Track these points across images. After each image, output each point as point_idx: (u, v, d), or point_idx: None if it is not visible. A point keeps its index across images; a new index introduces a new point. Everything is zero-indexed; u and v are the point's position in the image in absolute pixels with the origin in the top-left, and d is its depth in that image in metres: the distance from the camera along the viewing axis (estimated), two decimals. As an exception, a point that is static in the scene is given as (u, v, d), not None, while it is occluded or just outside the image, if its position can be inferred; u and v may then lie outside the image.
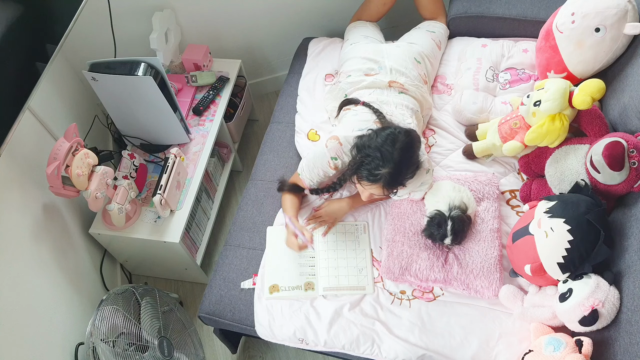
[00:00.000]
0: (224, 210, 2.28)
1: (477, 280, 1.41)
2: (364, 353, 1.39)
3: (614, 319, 1.19)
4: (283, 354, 1.87)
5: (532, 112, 1.49)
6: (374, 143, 1.35)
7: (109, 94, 1.74)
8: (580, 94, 1.40)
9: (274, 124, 1.96)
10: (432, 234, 1.46)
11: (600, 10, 1.49)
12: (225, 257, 1.63)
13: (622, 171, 1.29)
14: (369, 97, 1.64)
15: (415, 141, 1.41)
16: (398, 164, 1.33)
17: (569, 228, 1.24)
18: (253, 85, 2.56)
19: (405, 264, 1.46)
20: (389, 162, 1.32)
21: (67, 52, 1.97)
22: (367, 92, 1.67)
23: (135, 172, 1.80)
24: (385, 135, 1.35)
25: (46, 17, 1.51)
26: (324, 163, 1.52)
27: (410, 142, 1.37)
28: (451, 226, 1.42)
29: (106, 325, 1.46)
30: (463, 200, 1.49)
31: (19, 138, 1.53)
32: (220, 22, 2.22)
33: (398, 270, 1.45)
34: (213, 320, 1.56)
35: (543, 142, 1.48)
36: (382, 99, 1.63)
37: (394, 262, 1.46)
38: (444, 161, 1.73)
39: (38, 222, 1.56)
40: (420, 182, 1.51)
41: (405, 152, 1.34)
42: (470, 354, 1.33)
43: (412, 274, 1.45)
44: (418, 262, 1.46)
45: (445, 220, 1.43)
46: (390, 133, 1.36)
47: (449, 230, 1.43)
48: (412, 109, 1.64)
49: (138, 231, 1.74)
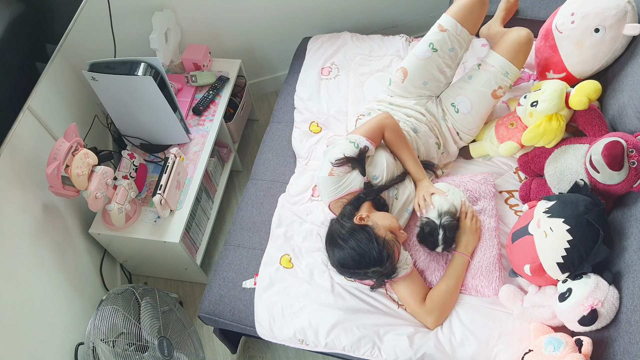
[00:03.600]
0: (224, 210, 2.28)
1: (477, 279, 1.42)
2: (364, 354, 1.39)
3: (613, 319, 1.19)
4: (283, 354, 1.87)
5: (529, 113, 1.50)
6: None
7: (108, 93, 1.74)
8: (576, 95, 1.41)
9: (274, 123, 1.96)
10: (425, 241, 1.45)
11: (599, 10, 1.49)
12: (225, 257, 1.64)
13: (622, 171, 1.29)
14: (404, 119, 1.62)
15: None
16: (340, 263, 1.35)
17: (568, 228, 1.24)
18: (253, 85, 2.56)
19: None
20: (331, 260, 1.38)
21: (67, 52, 1.97)
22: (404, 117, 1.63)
23: (135, 172, 1.80)
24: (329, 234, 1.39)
25: (46, 17, 1.51)
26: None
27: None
28: (442, 235, 1.41)
29: (106, 325, 1.46)
30: (454, 204, 1.46)
31: (19, 138, 1.53)
32: (220, 22, 2.22)
33: None
34: (213, 320, 1.56)
35: (540, 142, 1.48)
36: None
37: None
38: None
39: (38, 222, 1.56)
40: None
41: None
42: (470, 353, 1.33)
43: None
44: (418, 263, 1.47)
45: (437, 228, 1.41)
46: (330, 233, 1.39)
47: (440, 239, 1.41)
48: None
49: (138, 231, 1.74)
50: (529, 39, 1.54)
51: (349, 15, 2.31)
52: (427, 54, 1.59)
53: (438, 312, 1.37)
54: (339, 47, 2.09)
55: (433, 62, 1.60)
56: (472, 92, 1.60)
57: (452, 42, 1.58)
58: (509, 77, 1.57)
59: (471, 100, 1.60)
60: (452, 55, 1.60)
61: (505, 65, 1.56)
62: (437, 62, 1.60)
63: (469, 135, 1.67)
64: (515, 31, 1.56)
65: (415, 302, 1.38)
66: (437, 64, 1.60)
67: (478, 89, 1.59)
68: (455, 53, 1.60)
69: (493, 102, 1.61)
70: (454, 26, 1.56)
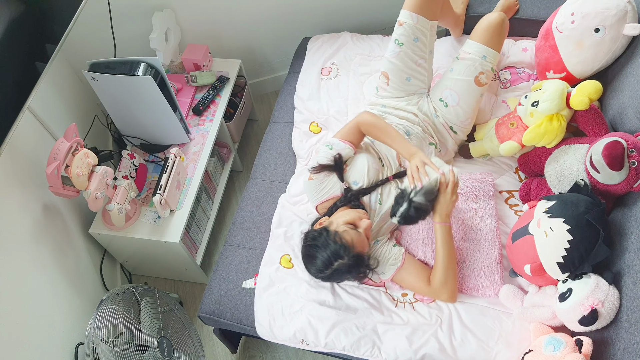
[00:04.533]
0: (224, 210, 2.28)
1: (479, 279, 1.42)
2: (364, 354, 1.39)
3: (613, 319, 1.19)
4: (283, 354, 1.87)
5: (530, 113, 1.50)
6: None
7: (109, 93, 1.74)
8: (577, 95, 1.41)
9: (274, 123, 1.96)
10: (393, 208, 1.39)
11: (600, 10, 1.49)
12: (225, 257, 1.64)
13: (622, 171, 1.29)
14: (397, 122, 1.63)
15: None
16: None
17: (568, 228, 1.24)
18: (253, 85, 2.56)
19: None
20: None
21: (67, 52, 1.97)
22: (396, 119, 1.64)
23: (135, 172, 1.80)
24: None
25: (46, 17, 1.51)
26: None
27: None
28: (404, 210, 1.33)
29: (106, 325, 1.46)
30: (437, 180, 1.37)
31: (19, 138, 1.53)
32: (220, 22, 2.22)
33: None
34: (213, 320, 1.56)
35: (541, 142, 1.48)
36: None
37: None
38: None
39: (38, 222, 1.56)
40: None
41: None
42: (470, 353, 1.33)
43: None
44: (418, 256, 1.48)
45: (404, 201, 1.35)
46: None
47: (400, 211, 1.34)
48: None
49: (138, 231, 1.74)
50: (500, 21, 1.57)
51: (349, 15, 2.31)
52: (396, 50, 1.62)
53: (446, 287, 1.40)
54: (339, 47, 2.09)
55: (405, 56, 1.62)
56: (455, 84, 1.61)
57: (414, 32, 1.59)
58: (488, 60, 1.58)
59: (457, 92, 1.61)
60: (419, 45, 1.62)
61: (481, 50, 1.57)
62: (408, 55, 1.62)
63: (462, 127, 1.67)
64: (487, 16, 1.60)
65: (423, 285, 1.42)
66: (409, 57, 1.62)
67: (460, 78, 1.60)
68: (422, 42, 1.62)
69: (479, 90, 1.61)
70: (409, 17, 1.58)
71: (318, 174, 1.47)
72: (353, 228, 1.36)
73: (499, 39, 1.59)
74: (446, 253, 1.39)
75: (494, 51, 1.58)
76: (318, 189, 1.48)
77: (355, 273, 1.37)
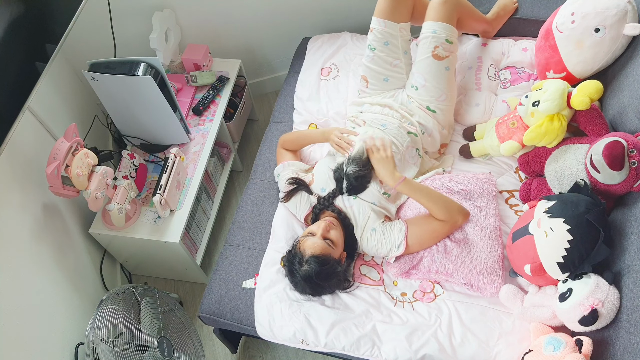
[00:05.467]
0: (224, 210, 2.28)
1: (481, 275, 1.41)
2: (364, 354, 1.39)
3: (613, 319, 1.19)
4: (283, 354, 1.87)
5: (531, 113, 1.50)
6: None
7: (108, 93, 1.74)
8: (578, 95, 1.41)
9: (274, 123, 1.96)
10: (337, 185, 1.52)
11: (600, 10, 1.49)
12: (225, 257, 1.64)
13: (622, 171, 1.29)
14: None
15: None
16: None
17: (568, 228, 1.24)
18: (253, 85, 2.56)
19: (408, 259, 1.48)
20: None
21: (67, 52, 1.97)
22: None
23: (135, 172, 1.80)
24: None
25: (46, 17, 1.51)
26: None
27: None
28: (347, 184, 1.47)
29: (106, 325, 1.46)
30: (363, 147, 1.50)
31: (19, 138, 1.53)
32: (220, 22, 2.22)
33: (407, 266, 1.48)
34: (213, 320, 1.56)
35: (541, 142, 1.48)
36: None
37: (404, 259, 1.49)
38: (442, 161, 1.73)
39: (38, 222, 1.56)
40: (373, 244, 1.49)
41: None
42: (470, 353, 1.33)
43: (417, 268, 1.47)
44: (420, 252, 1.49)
45: (342, 178, 1.48)
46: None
47: (344, 187, 1.48)
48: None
49: (138, 231, 1.74)
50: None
51: (349, 15, 2.31)
52: (370, 54, 1.71)
53: (454, 213, 1.45)
54: (339, 47, 2.09)
55: (379, 59, 1.70)
56: (418, 66, 1.67)
57: (383, 36, 1.67)
58: (439, 33, 1.62)
59: (421, 73, 1.66)
60: (390, 47, 1.69)
61: (430, 26, 1.64)
62: (382, 58, 1.70)
63: (440, 105, 1.67)
64: None
65: (436, 224, 1.45)
66: (383, 60, 1.70)
67: (420, 59, 1.66)
68: (392, 44, 1.69)
69: (441, 64, 1.63)
70: (377, 22, 1.67)
71: (289, 200, 1.61)
72: (310, 234, 1.45)
73: (447, 12, 1.64)
74: (425, 197, 1.45)
75: (443, 24, 1.63)
76: (296, 207, 1.61)
77: (330, 278, 1.41)
